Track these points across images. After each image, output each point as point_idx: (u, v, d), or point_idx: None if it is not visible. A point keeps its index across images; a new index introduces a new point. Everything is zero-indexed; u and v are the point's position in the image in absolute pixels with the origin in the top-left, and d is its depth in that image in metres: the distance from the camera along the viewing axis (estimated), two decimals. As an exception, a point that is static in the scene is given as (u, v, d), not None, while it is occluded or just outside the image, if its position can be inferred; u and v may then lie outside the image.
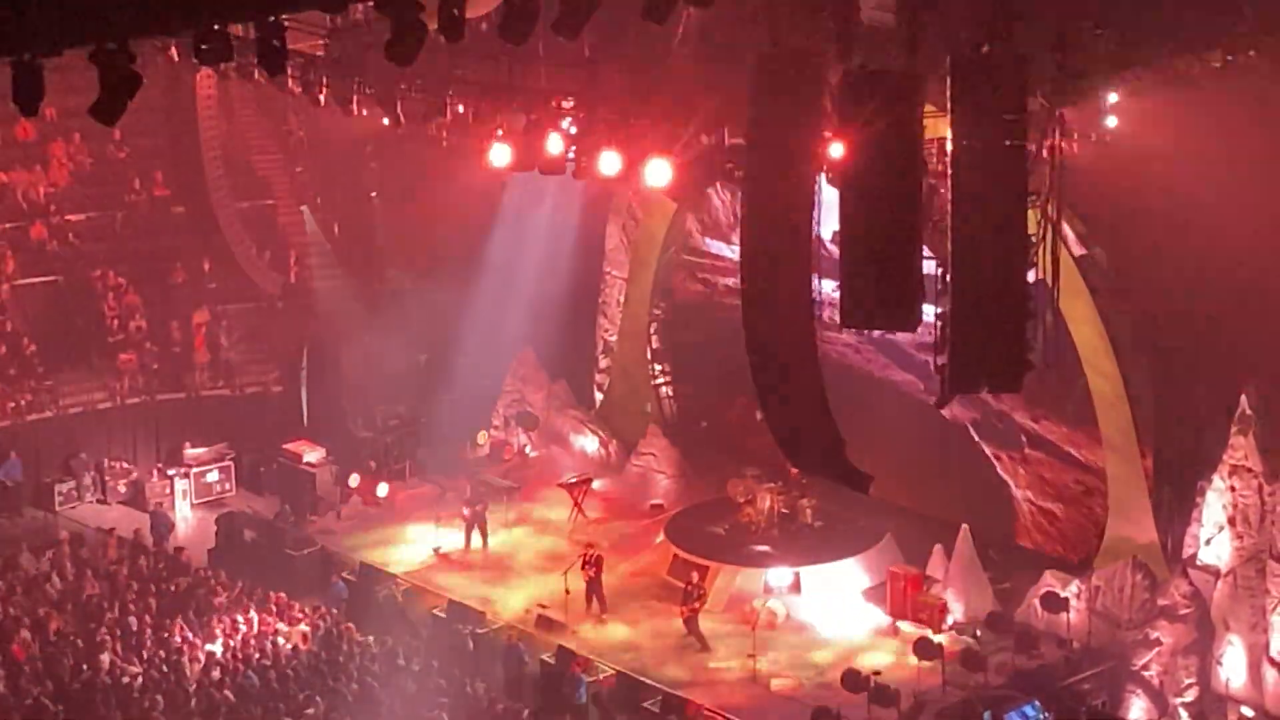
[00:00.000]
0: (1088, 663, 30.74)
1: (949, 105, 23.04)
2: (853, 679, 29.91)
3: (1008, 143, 22.94)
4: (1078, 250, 30.11)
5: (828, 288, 24.54)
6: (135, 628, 32.47)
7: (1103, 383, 31.58)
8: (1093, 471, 33.30)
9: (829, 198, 24.80)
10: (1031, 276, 23.91)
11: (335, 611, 33.77)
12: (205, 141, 44.38)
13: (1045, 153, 25.30)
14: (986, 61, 22.92)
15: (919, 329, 24.14)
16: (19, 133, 42.88)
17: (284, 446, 40.12)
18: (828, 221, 24.78)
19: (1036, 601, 31.71)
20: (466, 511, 37.04)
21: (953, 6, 23.78)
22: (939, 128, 23.90)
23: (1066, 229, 27.66)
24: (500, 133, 30.21)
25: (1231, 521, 29.70)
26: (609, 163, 28.66)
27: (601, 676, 31.41)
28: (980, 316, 23.28)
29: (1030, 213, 24.14)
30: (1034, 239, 24.31)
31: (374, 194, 45.43)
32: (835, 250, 22.75)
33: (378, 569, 36.03)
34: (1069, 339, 31.03)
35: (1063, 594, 31.32)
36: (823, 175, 24.51)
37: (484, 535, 36.91)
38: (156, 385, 41.61)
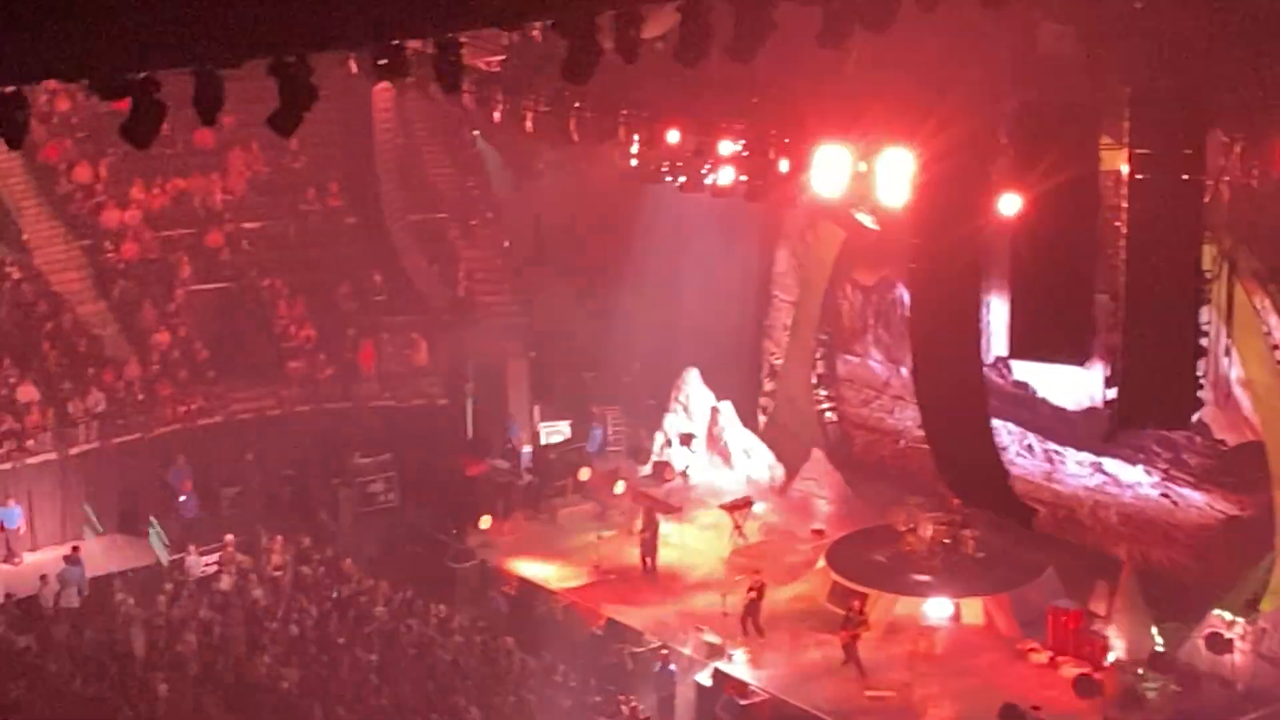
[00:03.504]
0: (1252, 705, 30.23)
1: (1127, 139, 22.85)
2: (1012, 714, 29.62)
3: (1185, 177, 22.71)
4: (1255, 289, 29.65)
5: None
6: (296, 634, 32.83)
7: (1275, 423, 31.08)
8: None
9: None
10: (1205, 313, 23.67)
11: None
12: (380, 154, 44.79)
13: (1223, 188, 24.95)
14: (1166, 95, 22.71)
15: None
16: (198, 140, 43.50)
17: (450, 460, 40.48)
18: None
19: (1201, 642, 31.22)
20: (643, 535, 37.07)
21: (1133, 39, 23.57)
22: (1115, 160, 23.69)
23: (1244, 267, 27.31)
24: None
25: (1403, 566, 29.18)
26: (782, 169, 28.58)
27: (757, 700, 31.31)
28: (1152, 352, 23.06)
29: (1206, 248, 23.89)
30: (1209, 275, 24.04)
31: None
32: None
33: (537, 585, 36.17)
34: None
35: (1228, 635, 30.81)
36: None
37: (653, 558, 36.92)
38: (324, 394, 41.96)
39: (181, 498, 38.78)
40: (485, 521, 38.82)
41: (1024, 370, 36.22)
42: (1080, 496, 36.39)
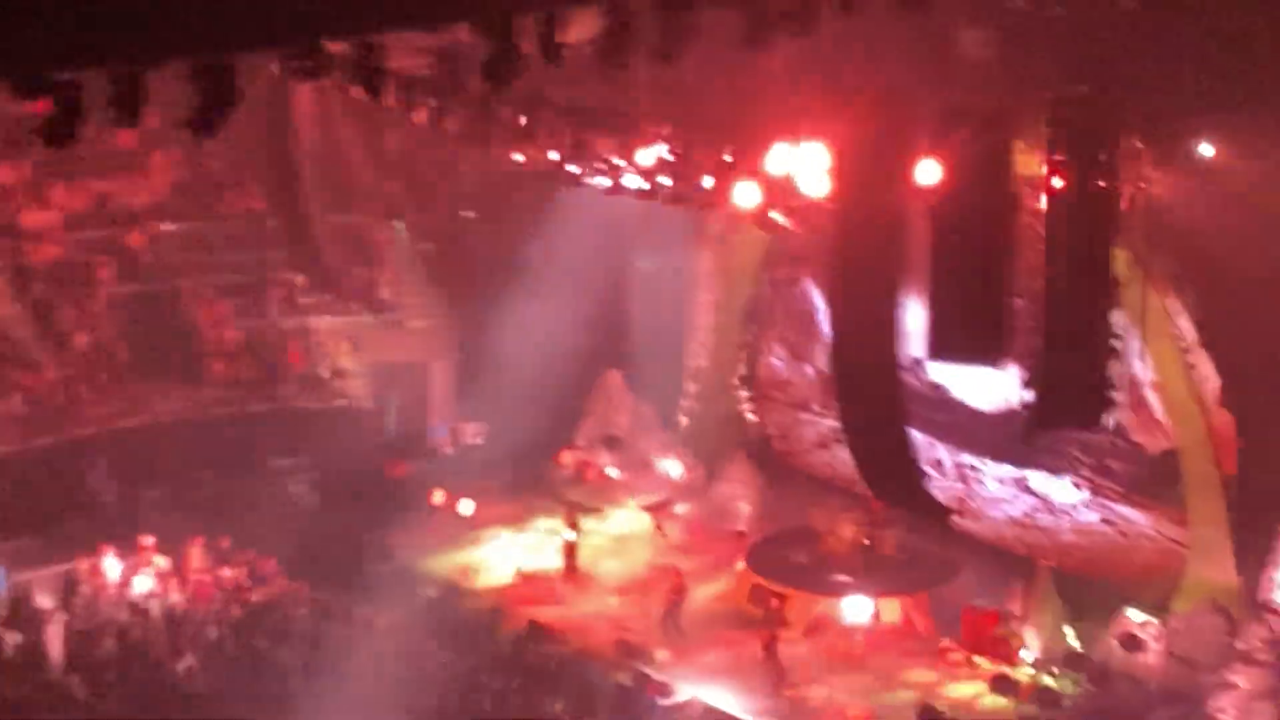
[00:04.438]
0: (1164, 704, 30.51)
1: (1043, 143, 23.12)
2: (928, 713, 29.87)
3: (1100, 183, 22.99)
4: (1168, 293, 29.95)
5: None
6: (216, 637, 32.76)
7: (1187, 427, 31.41)
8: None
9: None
10: (1120, 318, 23.96)
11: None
12: (302, 156, 44.63)
13: (1137, 193, 25.26)
14: (1083, 101, 22.99)
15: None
16: (120, 140, 43.25)
17: (372, 461, 40.43)
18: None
19: (1114, 641, 31.54)
20: (567, 537, 37.12)
21: (1051, 45, 23.86)
22: (1032, 165, 23.97)
23: (1157, 271, 27.60)
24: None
25: (1313, 566, 29.49)
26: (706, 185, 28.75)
27: (679, 701, 31.44)
28: (1067, 355, 23.34)
29: (1120, 253, 24.18)
30: (1123, 280, 24.34)
31: (470, 214, 45.46)
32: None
33: (459, 586, 36.18)
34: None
35: (1140, 635, 31.14)
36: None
37: (574, 559, 36.98)
38: (245, 396, 41.82)
39: (102, 500, 38.60)
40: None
41: (939, 372, 36.35)
42: (1007, 537, 36.13)
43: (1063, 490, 34.69)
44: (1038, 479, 35.11)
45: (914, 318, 25.84)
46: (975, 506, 36.31)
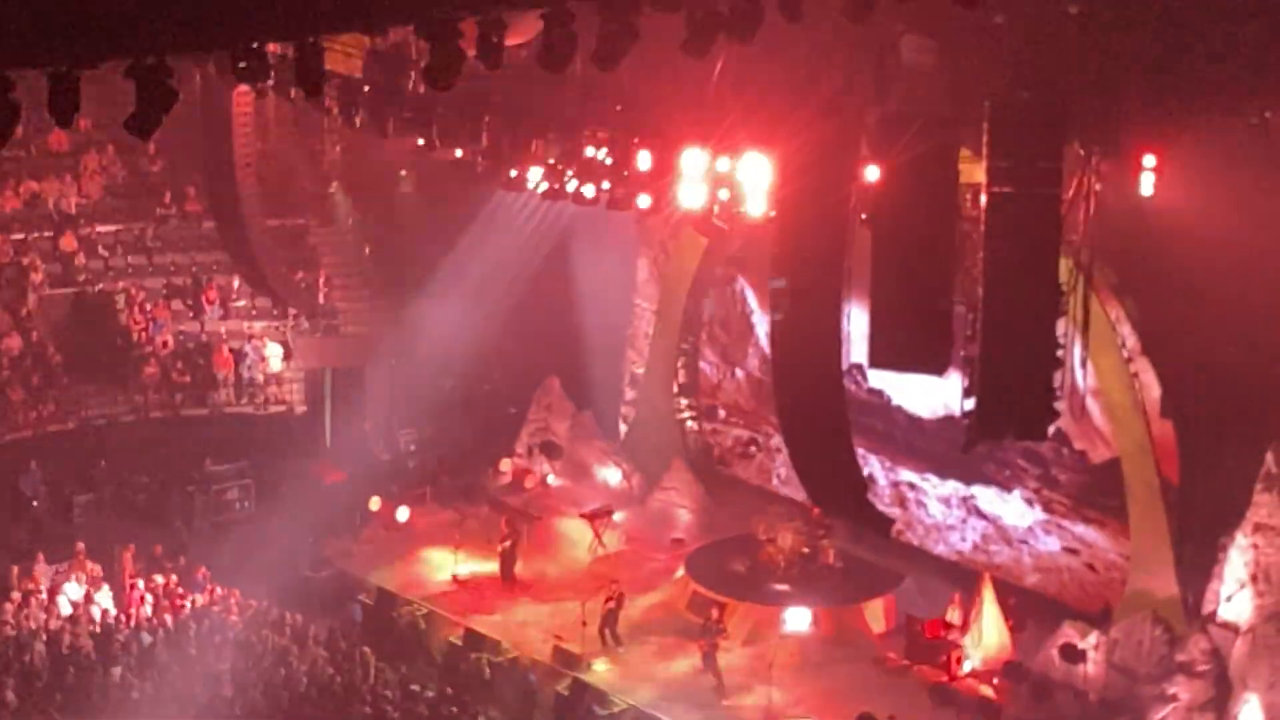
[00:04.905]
0: (1103, 715, 30.53)
1: (985, 150, 23.02)
2: (867, 723, 29.80)
3: (1043, 190, 22.90)
4: (1110, 301, 29.94)
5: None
6: (149, 643, 32.43)
7: (1128, 436, 31.39)
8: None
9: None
10: (1062, 326, 23.87)
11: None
12: (239, 158, 44.31)
13: (1080, 202, 25.21)
14: (1025, 108, 22.90)
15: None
16: (52, 142, 42.91)
17: (307, 467, 40.13)
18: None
19: (1054, 652, 31.48)
20: (502, 543, 36.87)
21: (993, 52, 23.77)
22: (974, 173, 23.87)
23: (1099, 279, 27.56)
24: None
25: (1253, 579, 29.45)
26: (642, 198, 28.68)
27: (617, 710, 31.26)
28: (1009, 363, 23.22)
29: (1063, 261, 24.10)
30: (1065, 288, 24.26)
31: (408, 218, 45.24)
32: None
33: (395, 594, 35.93)
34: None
35: (1081, 645, 31.09)
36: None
37: (512, 566, 36.73)
38: (180, 400, 41.53)
39: (34, 504, 38.23)
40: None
41: (879, 378, 36.18)
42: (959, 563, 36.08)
43: (1014, 510, 34.45)
44: (986, 497, 34.88)
45: (855, 324, 25.75)
46: (917, 539, 36.13)
